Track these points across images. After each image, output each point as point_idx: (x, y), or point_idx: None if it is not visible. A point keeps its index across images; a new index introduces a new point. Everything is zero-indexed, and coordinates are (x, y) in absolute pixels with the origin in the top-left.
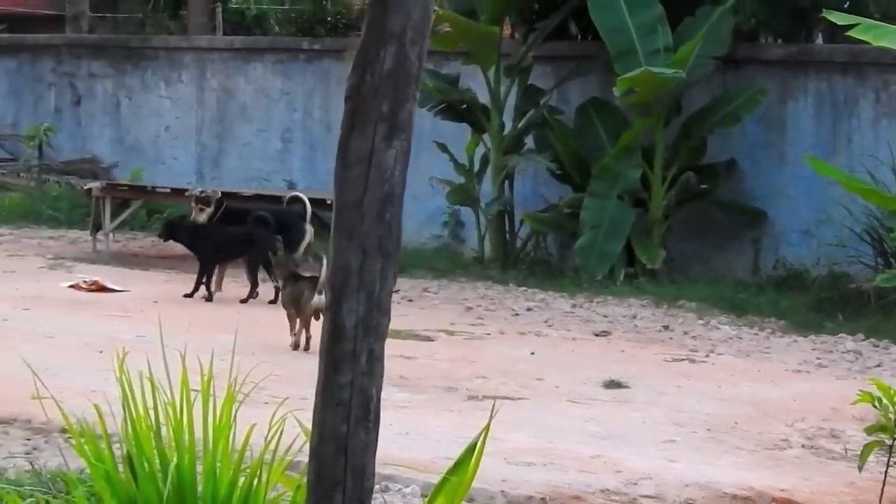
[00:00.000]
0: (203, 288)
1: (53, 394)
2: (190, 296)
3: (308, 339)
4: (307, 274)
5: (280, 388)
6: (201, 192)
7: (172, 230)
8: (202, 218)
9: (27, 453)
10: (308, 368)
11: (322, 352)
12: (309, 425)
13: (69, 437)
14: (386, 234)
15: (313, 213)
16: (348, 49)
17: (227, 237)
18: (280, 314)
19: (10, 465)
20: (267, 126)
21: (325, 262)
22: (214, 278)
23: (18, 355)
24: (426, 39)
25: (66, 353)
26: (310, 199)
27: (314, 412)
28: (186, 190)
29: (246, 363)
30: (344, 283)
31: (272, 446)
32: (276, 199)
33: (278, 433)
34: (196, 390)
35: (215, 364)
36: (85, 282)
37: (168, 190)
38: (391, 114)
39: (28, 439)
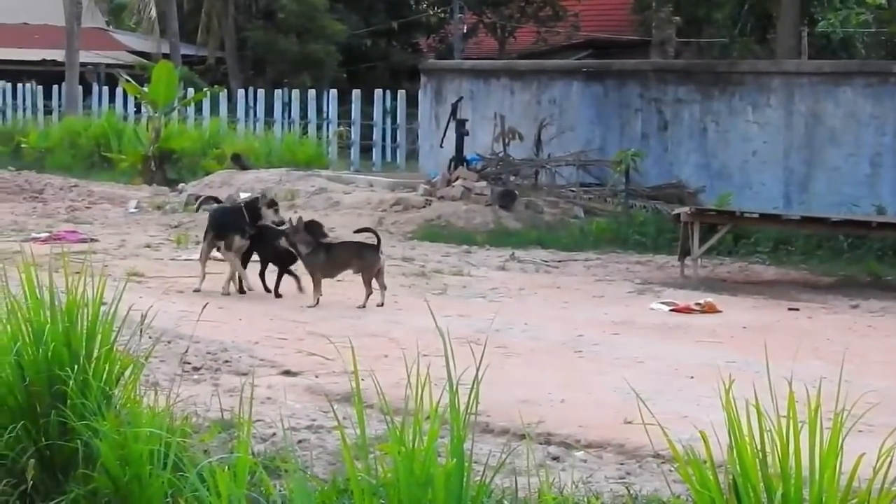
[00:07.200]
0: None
1: (646, 419)
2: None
3: (379, 294)
4: (335, 241)
5: (871, 415)
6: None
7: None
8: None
9: (621, 478)
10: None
11: None
12: None
13: (664, 463)
14: None
15: None
16: None
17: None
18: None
19: (606, 489)
20: (856, 150)
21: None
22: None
23: (611, 380)
24: None
25: (656, 378)
26: None
27: None
28: (780, 216)
29: (846, 392)
30: None
31: (880, 476)
32: (865, 225)
33: (886, 463)
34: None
35: (807, 392)
36: (698, 304)
37: (756, 215)
38: None
39: (621, 464)
